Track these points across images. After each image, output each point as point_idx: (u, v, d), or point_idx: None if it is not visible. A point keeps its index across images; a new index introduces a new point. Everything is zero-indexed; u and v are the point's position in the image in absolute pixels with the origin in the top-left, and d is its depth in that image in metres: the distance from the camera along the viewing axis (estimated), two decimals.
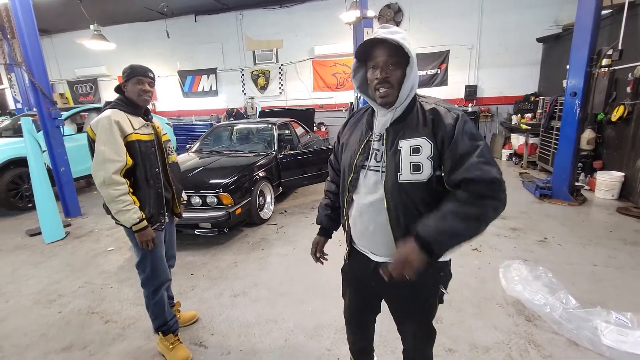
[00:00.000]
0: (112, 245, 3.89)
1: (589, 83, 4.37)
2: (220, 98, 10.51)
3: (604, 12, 4.59)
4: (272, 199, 4.61)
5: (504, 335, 2.21)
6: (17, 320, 2.60)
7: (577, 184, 4.89)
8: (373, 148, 1.22)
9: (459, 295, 2.65)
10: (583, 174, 5.43)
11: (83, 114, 6.67)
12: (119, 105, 1.90)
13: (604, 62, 4.18)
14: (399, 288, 1.26)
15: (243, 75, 10.09)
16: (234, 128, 5.80)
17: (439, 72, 8.57)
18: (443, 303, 1.33)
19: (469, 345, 2.13)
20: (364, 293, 1.47)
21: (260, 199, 4.36)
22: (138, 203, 1.87)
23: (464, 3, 8.04)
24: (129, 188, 1.84)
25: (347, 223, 1.35)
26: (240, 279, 3.06)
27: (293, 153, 4.94)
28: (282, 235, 4.01)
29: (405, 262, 1.06)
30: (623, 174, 4.73)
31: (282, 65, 9.68)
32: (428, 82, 8.68)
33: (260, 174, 4.29)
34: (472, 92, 8.33)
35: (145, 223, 1.87)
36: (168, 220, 2.11)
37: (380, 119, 1.21)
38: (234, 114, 9.79)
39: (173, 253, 2.31)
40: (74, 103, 11.50)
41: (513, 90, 8.18)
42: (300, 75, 9.60)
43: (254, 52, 9.82)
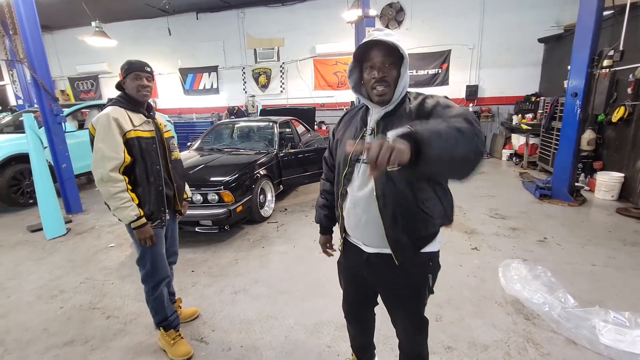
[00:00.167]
0: (113, 242, 3.91)
1: (590, 84, 4.38)
2: (222, 96, 10.51)
3: (606, 12, 4.59)
4: (272, 197, 4.63)
5: (503, 334, 2.23)
6: (18, 316, 2.62)
7: (577, 185, 4.90)
8: (366, 142, 1.27)
9: (459, 294, 2.67)
10: (583, 175, 5.44)
11: (84, 111, 6.68)
12: (119, 102, 1.91)
13: (605, 63, 4.19)
14: (390, 277, 1.35)
15: (244, 74, 10.09)
16: (235, 126, 5.81)
17: (440, 71, 8.57)
18: (433, 293, 1.39)
19: (468, 343, 2.15)
20: (359, 284, 1.53)
21: (261, 197, 4.38)
22: (137, 200, 1.88)
23: (466, 3, 8.04)
24: (128, 185, 1.84)
25: (341, 215, 1.42)
26: (241, 276, 3.07)
27: (294, 151, 4.96)
28: (282, 233, 4.02)
29: (390, 146, 0.84)
30: (623, 175, 4.74)
31: (283, 64, 9.68)
32: (429, 81, 8.68)
33: (261, 172, 4.31)
34: (473, 92, 8.33)
35: (144, 220, 1.88)
36: (169, 218, 2.12)
37: (374, 116, 1.28)
38: (235, 112, 9.80)
39: (175, 250, 2.32)
40: (75, 100, 11.50)
41: (514, 91, 8.18)
42: (302, 74, 9.60)
43: (255, 50, 9.82)
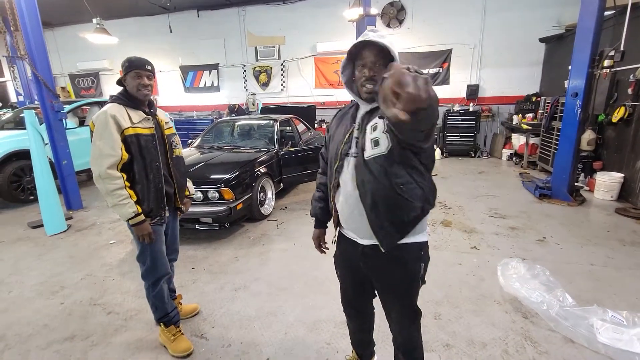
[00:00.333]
0: (113, 239, 3.92)
1: (591, 84, 4.38)
2: (222, 94, 10.51)
3: (607, 13, 4.59)
4: (273, 195, 4.64)
5: (501, 332, 2.24)
6: (19, 311, 2.63)
7: (576, 185, 4.91)
8: (354, 137, 1.35)
9: (458, 293, 2.69)
10: (583, 175, 5.45)
11: (85, 108, 6.69)
12: (119, 99, 1.91)
13: (606, 63, 4.19)
14: (383, 267, 1.41)
15: (245, 71, 10.08)
16: (236, 124, 5.82)
17: (441, 70, 8.57)
18: (425, 283, 1.45)
19: (467, 341, 2.16)
20: (355, 275, 1.57)
21: (261, 195, 4.39)
22: (135, 197, 1.87)
23: (467, 2, 8.03)
24: (126, 182, 1.84)
25: (335, 208, 1.48)
26: (241, 274, 3.09)
27: (294, 150, 4.96)
28: (282, 231, 4.03)
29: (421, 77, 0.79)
30: (622, 175, 4.75)
31: (284, 62, 9.67)
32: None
33: (262, 170, 4.32)
34: (473, 91, 8.32)
35: (142, 217, 1.87)
36: (169, 215, 2.11)
37: (361, 112, 1.35)
38: (236, 110, 9.80)
39: (176, 247, 2.33)
40: (76, 96, 11.49)
41: (514, 90, 8.18)
42: (302, 72, 9.59)
43: (256, 48, 9.81)
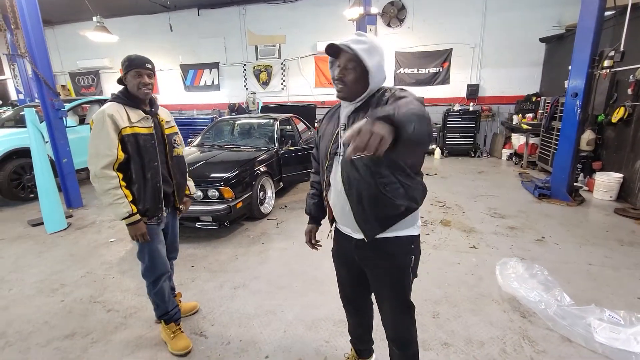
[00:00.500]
0: (113, 237, 3.93)
1: (590, 84, 4.39)
2: (222, 92, 10.51)
3: (607, 13, 4.59)
4: (272, 194, 4.65)
5: (499, 331, 2.25)
6: (20, 308, 2.65)
7: (576, 185, 4.92)
8: (340, 137, 1.39)
9: (456, 292, 2.70)
10: (582, 175, 5.46)
11: (85, 106, 6.69)
12: (119, 98, 1.90)
13: (606, 63, 4.19)
14: (377, 259, 1.45)
15: (245, 70, 10.08)
16: (236, 123, 5.83)
17: (441, 70, 8.57)
18: (417, 277, 1.49)
19: (465, 340, 2.18)
20: (351, 268, 1.60)
21: (261, 194, 4.40)
22: (131, 197, 1.86)
23: (468, 2, 8.02)
24: (122, 182, 1.83)
25: (328, 205, 1.53)
26: (241, 272, 3.10)
27: (294, 149, 4.97)
28: (282, 230, 4.04)
29: (372, 131, 0.86)
30: (622, 176, 4.76)
31: (284, 61, 9.67)
32: (430, 80, 8.68)
33: (262, 169, 4.32)
34: (474, 91, 8.33)
35: (136, 217, 1.86)
36: (167, 215, 2.10)
37: (344, 110, 1.40)
38: (236, 109, 9.80)
39: (176, 246, 2.33)
40: (76, 95, 11.49)
41: (515, 90, 8.19)
42: (303, 71, 9.59)
43: (257, 47, 9.80)
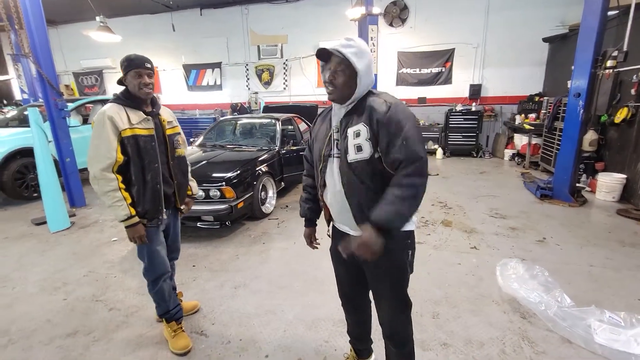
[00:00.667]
0: (116, 236, 3.96)
1: (593, 84, 4.37)
2: (225, 92, 10.54)
3: (610, 13, 4.57)
4: (274, 194, 4.66)
5: (499, 332, 2.25)
6: (23, 306, 2.67)
7: (578, 185, 4.90)
8: (334, 139, 1.43)
9: (456, 292, 2.70)
10: (585, 176, 5.44)
11: (88, 106, 6.72)
12: (119, 100, 1.89)
13: (609, 63, 4.17)
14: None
15: (247, 70, 10.10)
16: (238, 123, 5.84)
17: (444, 70, 8.55)
18: (413, 272, 1.52)
19: (464, 341, 2.18)
20: (350, 268, 1.62)
21: (262, 194, 4.41)
22: (130, 199, 1.86)
23: (470, 1, 8.00)
24: (122, 184, 1.83)
25: (325, 205, 1.56)
26: (241, 272, 3.11)
27: (296, 149, 4.98)
28: (283, 230, 4.06)
29: (367, 245, 1.23)
30: (625, 176, 4.74)
31: (286, 61, 9.68)
32: (432, 80, 8.67)
33: (263, 169, 4.34)
34: (476, 91, 8.31)
35: (135, 220, 1.86)
36: (167, 217, 2.09)
37: (337, 113, 1.44)
38: (238, 109, 9.83)
39: (177, 246, 2.34)
40: (79, 94, 11.56)
41: (517, 90, 8.16)
42: (305, 71, 9.60)
43: (259, 47, 9.82)
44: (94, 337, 2.31)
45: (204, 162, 4.20)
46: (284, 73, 9.79)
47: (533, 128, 6.71)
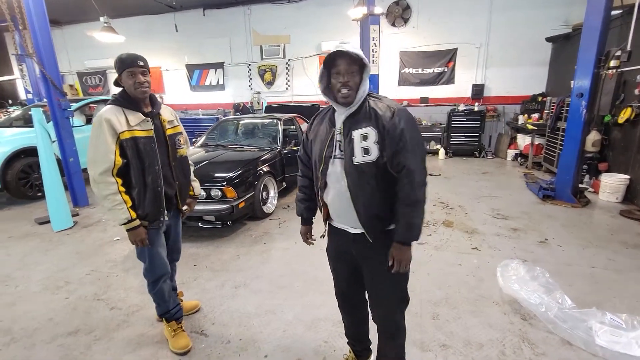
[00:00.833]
0: (118, 235, 3.98)
1: (596, 84, 4.34)
2: (227, 92, 10.57)
3: (614, 12, 4.53)
4: (275, 194, 4.67)
5: (499, 333, 2.24)
6: (25, 305, 2.70)
7: (581, 186, 4.87)
8: (336, 140, 1.46)
9: (456, 293, 2.69)
10: (588, 176, 5.40)
11: (92, 106, 6.77)
12: (117, 101, 1.85)
13: (612, 63, 4.14)
14: (374, 251, 1.50)
15: (250, 70, 10.13)
16: (240, 123, 5.86)
17: (446, 70, 8.52)
18: (413, 272, 1.58)
19: (464, 342, 2.17)
20: (347, 265, 1.65)
21: (264, 194, 4.42)
22: (130, 202, 1.84)
23: (474, 1, 7.97)
24: (122, 187, 1.81)
25: (323, 205, 1.58)
26: (242, 271, 3.12)
27: (297, 149, 4.97)
28: (284, 230, 4.06)
29: (402, 260, 1.42)
30: (628, 177, 4.70)
31: (289, 61, 9.69)
32: (435, 80, 8.65)
33: (265, 169, 4.35)
34: (479, 91, 8.28)
35: (136, 223, 1.85)
36: (168, 219, 2.08)
37: (340, 116, 1.46)
38: (241, 109, 9.85)
39: (178, 247, 2.35)
40: (83, 94, 11.63)
41: (520, 90, 8.12)
42: (307, 71, 9.60)
43: (262, 47, 9.84)
44: (95, 336, 2.33)
45: (206, 162, 4.22)
46: (287, 73, 9.80)
47: (536, 128, 6.68)
